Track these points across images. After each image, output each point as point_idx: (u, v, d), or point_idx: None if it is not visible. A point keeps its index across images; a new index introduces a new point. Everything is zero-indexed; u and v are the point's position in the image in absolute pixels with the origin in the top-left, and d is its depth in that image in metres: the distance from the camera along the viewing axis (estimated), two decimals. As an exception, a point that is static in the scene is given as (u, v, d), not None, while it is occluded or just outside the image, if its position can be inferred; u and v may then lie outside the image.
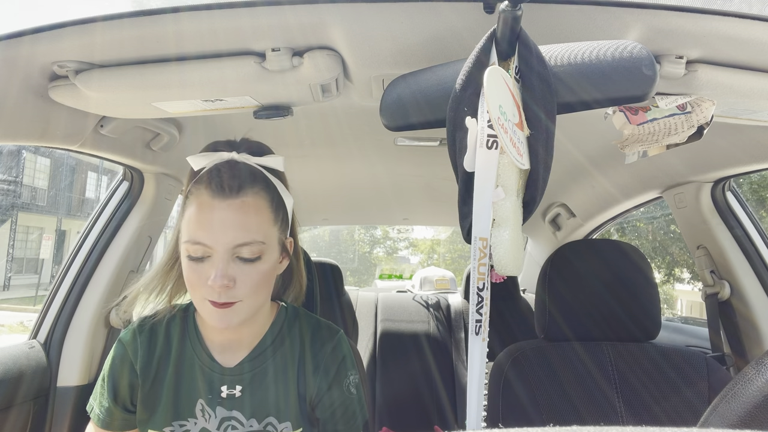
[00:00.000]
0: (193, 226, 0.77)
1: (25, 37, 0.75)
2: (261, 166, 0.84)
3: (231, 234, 0.76)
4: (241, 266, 0.78)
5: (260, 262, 0.79)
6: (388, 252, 20.82)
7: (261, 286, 0.80)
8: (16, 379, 1.21)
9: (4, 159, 13.38)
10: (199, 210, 0.77)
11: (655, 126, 0.87)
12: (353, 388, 0.89)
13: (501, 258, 0.65)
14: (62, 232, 15.44)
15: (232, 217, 0.76)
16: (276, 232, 0.82)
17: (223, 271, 0.76)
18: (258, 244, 0.78)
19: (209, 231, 0.76)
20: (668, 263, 10.68)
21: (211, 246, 0.76)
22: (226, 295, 0.77)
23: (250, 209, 0.78)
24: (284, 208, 0.86)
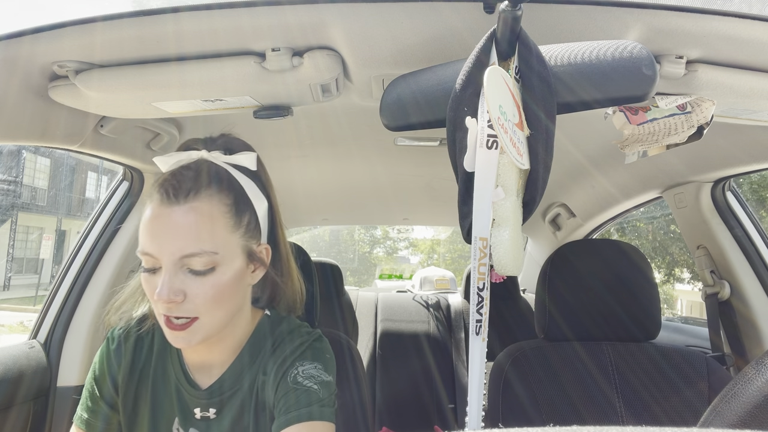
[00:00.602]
0: (141, 235, 0.72)
1: (25, 37, 0.75)
2: (233, 165, 0.79)
3: (176, 243, 0.70)
4: (192, 279, 0.71)
5: (214, 274, 0.72)
6: (388, 252, 20.82)
7: (219, 300, 0.73)
8: (16, 379, 1.21)
9: (4, 159, 13.38)
10: (148, 217, 0.72)
11: (655, 126, 0.87)
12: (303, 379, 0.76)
13: (501, 258, 0.65)
14: (62, 232, 15.44)
15: (177, 225, 0.70)
16: (237, 240, 0.75)
17: (169, 283, 0.69)
18: (209, 254, 0.71)
19: (154, 240, 0.71)
20: (668, 263, 10.68)
21: (157, 256, 0.70)
22: (177, 310, 0.71)
23: (200, 216, 0.71)
24: (252, 212, 0.78)
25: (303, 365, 0.77)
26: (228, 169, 0.78)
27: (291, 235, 4.16)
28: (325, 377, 0.77)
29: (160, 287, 0.69)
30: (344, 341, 1.26)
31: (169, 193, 0.71)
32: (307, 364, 0.78)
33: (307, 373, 0.77)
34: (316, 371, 0.77)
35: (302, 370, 0.77)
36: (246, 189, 0.78)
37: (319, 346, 0.82)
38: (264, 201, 0.81)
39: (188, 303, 0.71)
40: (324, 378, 0.77)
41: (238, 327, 0.81)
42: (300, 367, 0.77)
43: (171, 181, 0.73)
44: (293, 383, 0.75)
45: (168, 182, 0.73)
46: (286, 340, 0.82)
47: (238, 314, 0.79)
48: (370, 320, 2.68)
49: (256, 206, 0.79)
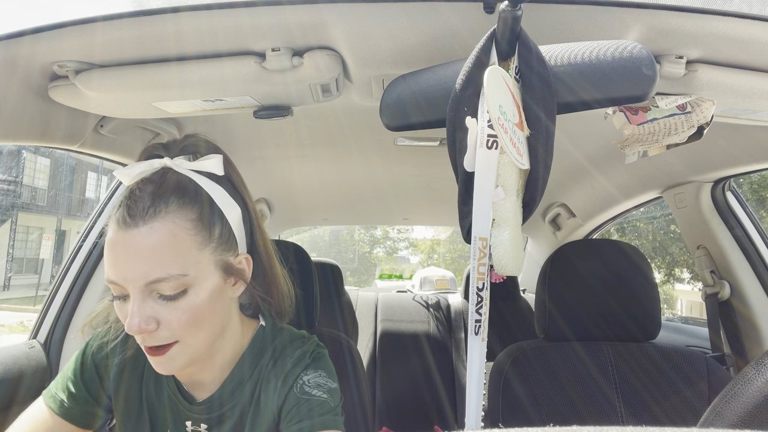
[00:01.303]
0: (105, 262, 0.67)
1: (25, 37, 0.75)
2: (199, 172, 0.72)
3: (139, 270, 0.64)
4: (163, 304, 0.66)
5: (186, 297, 0.66)
6: (388, 252, 20.82)
7: (197, 323, 0.68)
8: (16, 379, 1.21)
9: (4, 159, 13.38)
10: (108, 243, 0.67)
11: (655, 126, 0.87)
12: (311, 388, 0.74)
13: (501, 258, 0.65)
14: (62, 232, 15.45)
15: (138, 250, 0.65)
16: (208, 256, 0.69)
17: (139, 312, 0.65)
18: (176, 278, 0.65)
19: (116, 268, 0.65)
20: (668, 263, 10.68)
21: (122, 285, 0.65)
22: (152, 339, 0.66)
23: (161, 237, 0.65)
24: (222, 222, 0.72)
25: (308, 374, 0.75)
26: (193, 177, 0.71)
27: (291, 235, 4.17)
28: (331, 384, 0.76)
29: (130, 318, 0.64)
30: (344, 341, 1.26)
31: (125, 217, 0.65)
32: (312, 372, 0.76)
33: (314, 383, 0.75)
34: (322, 380, 0.75)
35: (308, 379, 0.75)
36: (214, 197, 0.72)
37: (320, 354, 0.80)
38: (236, 207, 0.74)
39: (163, 330, 0.66)
40: (331, 385, 0.75)
41: (228, 343, 0.76)
42: (305, 376, 0.75)
43: (127, 201, 0.67)
44: (301, 393, 0.73)
45: (124, 204, 0.67)
46: (286, 350, 0.79)
47: (224, 331, 0.75)
48: (370, 320, 2.68)
49: (228, 214, 0.73)
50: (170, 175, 0.70)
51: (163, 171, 0.71)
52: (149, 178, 0.70)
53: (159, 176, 0.70)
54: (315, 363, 0.78)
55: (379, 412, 2.33)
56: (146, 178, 0.70)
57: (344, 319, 2.33)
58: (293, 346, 0.79)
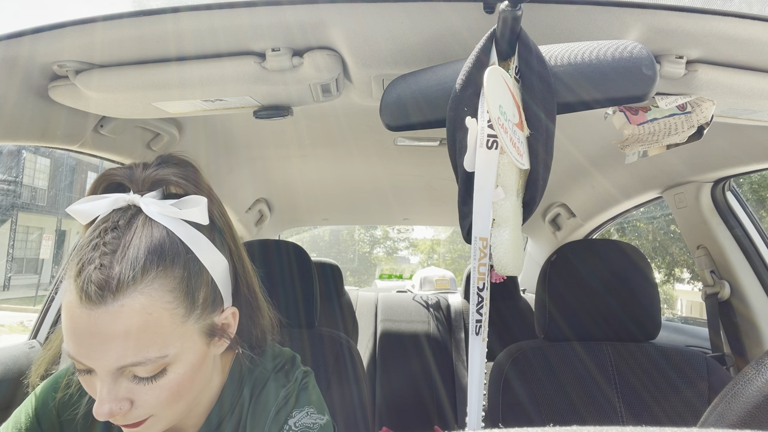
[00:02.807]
0: (64, 333, 0.55)
1: (25, 37, 0.75)
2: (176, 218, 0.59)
3: (109, 354, 0.53)
4: (139, 384, 0.56)
5: (166, 375, 0.57)
6: (388, 252, 20.82)
7: (176, 398, 0.59)
8: (16, 379, 1.21)
9: (4, 159, 13.39)
10: (66, 314, 0.54)
11: (655, 126, 0.87)
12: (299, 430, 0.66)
13: (501, 258, 0.65)
14: (62, 232, 15.44)
15: (107, 334, 0.52)
16: (191, 327, 0.58)
17: (109, 397, 0.54)
18: (155, 360, 0.55)
19: (80, 347, 0.54)
20: (668, 263, 10.68)
21: (87, 364, 0.55)
22: (124, 419, 0.57)
23: (135, 317, 0.53)
24: (207, 282, 0.60)
25: (293, 417, 0.67)
26: (171, 228, 0.58)
27: (291, 235, 4.16)
28: (320, 420, 0.68)
29: (98, 404, 0.54)
30: (344, 341, 1.26)
31: (89, 292, 0.52)
32: (297, 413, 0.68)
33: (301, 425, 0.67)
34: (310, 418, 0.68)
35: (294, 422, 0.67)
36: (198, 252, 0.59)
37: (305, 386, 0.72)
38: (222, 258, 0.63)
39: (137, 409, 0.57)
40: (320, 422, 0.68)
41: (207, 393, 0.68)
42: (291, 420, 0.67)
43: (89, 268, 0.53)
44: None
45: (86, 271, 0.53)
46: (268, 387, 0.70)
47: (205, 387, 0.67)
48: (370, 320, 2.68)
49: (213, 270, 0.61)
50: (140, 223, 0.57)
51: (131, 214, 0.58)
52: (114, 225, 0.56)
53: (127, 222, 0.57)
54: (301, 399, 0.70)
55: (379, 412, 2.33)
56: (110, 224, 0.57)
57: (344, 319, 2.33)
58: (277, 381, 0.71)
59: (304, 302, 1.24)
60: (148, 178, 0.61)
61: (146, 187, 0.61)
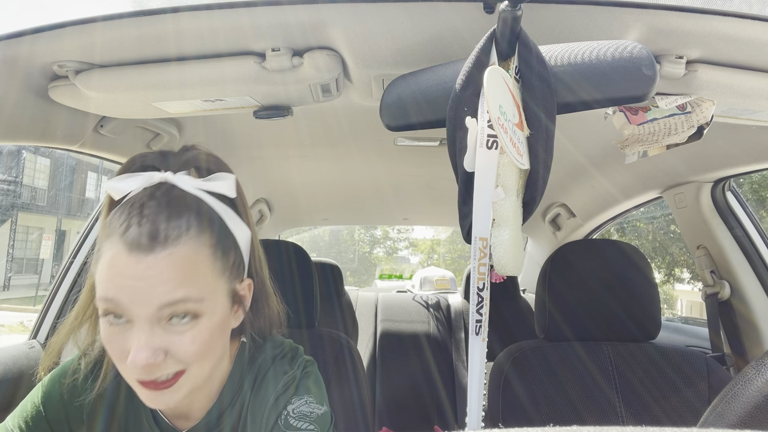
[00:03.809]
0: (104, 284, 0.59)
1: (25, 37, 0.75)
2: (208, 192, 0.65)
3: (155, 293, 0.57)
4: (174, 334, 0.59)
5: (199, 324, 0.60)
6: (388, 252, 20.82)
7: (205, 352, 0.62)
8: (16, 379, 1.21)
9: (4, 159, 13.39)
10: (112, 265, 0.58)
11: (655, 126, 0.87)
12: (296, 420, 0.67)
13: (501, 258, 0.65)
14: (62, 232, 15.45)
15: (156, 275, 0.57)
16: (223, 284, 0.64)
17: (147, 343, 0.57)
18: (194, 301, 0.59)
19: (124, 291, 0.57)
20: (668, 263, 10.68)
21: (128, 307, 0.58)
22: (158, 370, 0.59)
23: (181, 263, 0.59)
24: (236, 248, 0.66)
25: (292, 403, 0.69)
26: (203, 198, 0.64)
27: (291, 235, 4.16)
28: (318, 410, 0.70)
29: (136, 351, 0.56)
30: (344, 341, 1.26)
31: (140, 242, 0.57)
32: (297, 400, 0.69)
33: (299, 413, 0.68)
34: (308, 407, 0.69)
35: (293, 409, 0.69)
36: (227, 221, 0.66)
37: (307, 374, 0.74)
38: (246, 230, 0.69)
39: (170, 361, 0.59)
40: (318, 411, 0.69)
41: (218, 371, 0.71)
42: (289, 406, 0.69)
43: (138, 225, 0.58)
44: (286, 427, 0.67)
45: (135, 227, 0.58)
46: (268, 375, 0.72)
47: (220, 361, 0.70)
48: (370, 320, 2.69)
49: (239, 239, 0.67)
50: (177, 193, 0.62)
51: (166, 188, 0.63)
52: (152, 194, 0.61)
53: (164, 193, 0.62)
54: (301, 387, 0.72)
55: (379, 412, 2.33)
56: (148, 194, 0.61)
57: (344, 319, 2.33)
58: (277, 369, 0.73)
59: (304, 302, 1.24)
60: (179, 160, 0.67)
61: (177, 168, 0.66)
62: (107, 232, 0.60)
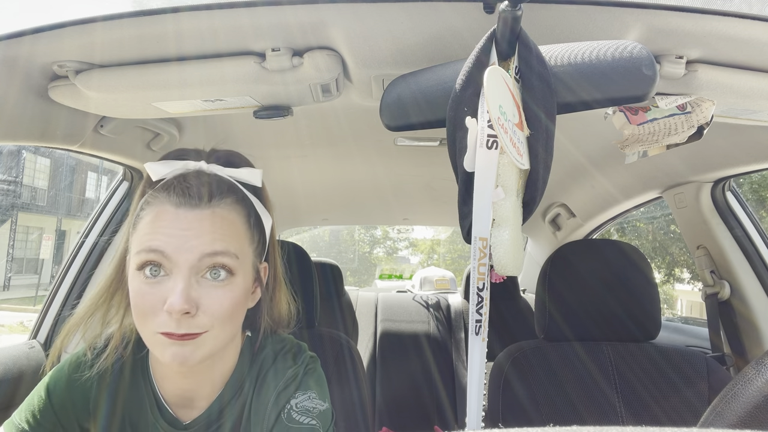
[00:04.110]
0: (148, 236, 0.63)
1: (25, 37, 0.75)
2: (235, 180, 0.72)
3: (198, 242, 0.62)
4: (208, 289, 0.63)
5: (231, 283, 0.65)
6: (388, 252, 20.81)
7: (231, 315, 0.66)
8: (16, 379, 1.21)
9: (4, 159, 13.39)
10: (158, 219, 0.64)
11: (655, 126, 0.87)
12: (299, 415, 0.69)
13: (501, 258, 0.65)
14: (62, 232, 15.44)
15: (200, 227, 0.63)
16: (251, 254, 0.70)
17: (185, 291, 0.61)
18: (232, 256, 0.65)
19: (170, 238, 0.62)
20: (668, 263, 10.68)
21: (171, 256, 0.62)
22: (187, 325, 0.62)
23: (223, 221, 0.65)
24: (262, 228, 0.73)
25: (296, 398, 0.71)
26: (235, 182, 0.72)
27: (291, 235, 4.16)
28: (321, 406, 0.71)
29: (174, 296, 0.60)
30: (344, 341, 1.26)
31: (188, 195, 0.64)
32: (300, 395, 0.71)
33: (302, 407, 0.70)
34: (311, 402, 0.71)
35: (296, 403, 0.70)
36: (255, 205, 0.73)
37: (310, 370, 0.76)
38: (269, 218, 0.76)
39: (201, 316, 0.63)
40: (320, 407, 0.71)
41: (228, 354, 0.74)
42: (293, 400, 0.70)
43: (185, 183, 0.66)
44: (289, 421, 0.68)
45: (179, 186, 0.65)
46: (271, 371, 0.74)
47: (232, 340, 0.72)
48: (370, 320, 2.69)
49: (265, 223, 0.75)
50: (213, 177, 0.69)
51: (203, 172, 0.69)
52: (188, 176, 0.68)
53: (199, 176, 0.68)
54: (305, 383, 0.73)
55: (379, 412, 2.33)
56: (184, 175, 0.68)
57: (344, 319, 2.33)
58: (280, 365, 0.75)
59: (304, 302, 1.23)
60: (211, 155, 0.75)
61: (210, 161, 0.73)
62: (148, 200, 0.66)
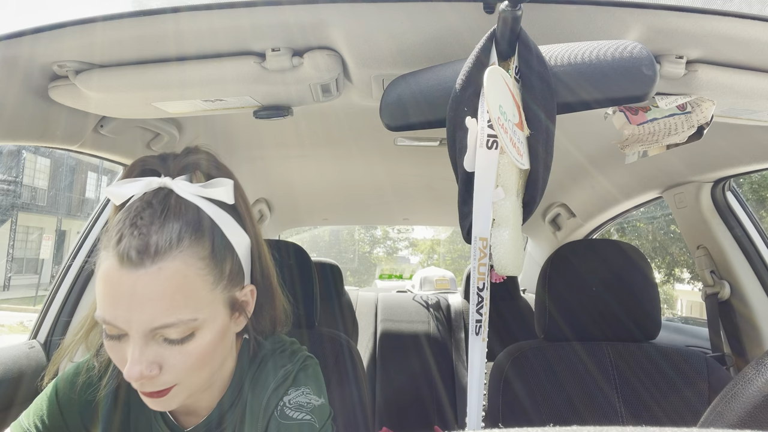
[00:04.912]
0: (99, 298, 0.60)
1: (25, 37, 0.75)
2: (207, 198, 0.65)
3: (145, 314, 0.58)
4: (168, 348, 0.60)
5: (194, 340, 0.61)
6: (388, 252, 20.82)
7: (201, 366, 0.62)
8: (16, 379, 1.21)
9: (4, 159, 13.39)
10: (104, 280, 0.59)
11: (655, 126, 0.87)
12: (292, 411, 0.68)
13: (501, 258, 0.65)
14: (62, 232, 15.45)
15: (145, 294, 0.57)
16: (219, 295, 0.63)
17: (141, 358, 0.58)
18: (186, 323, 0.59)
19: (117, 309, 0.58)
20: (668, 263, 10.68)
21: (120, 326, 0.59)
22: (152, 384, 0.60)
23: (171, 279, 0.58)
24: (233, 256, 0.66)
25: (289, 394, 0.69)
26: (201, 206, 0.64)
27: (291, 235, 4.16)
28: (315, 401, 0.70)
29: (131, 365, 0.58)
30: (344, 341, 1.26)
31: (130, 255, 0.57)
32: (293, 391, 0.70)
33: (296, 403, 0.69)
34: (305, 398, 0.70)
35: (289, 400, 0.69)
36: (224, 229, 0.65)
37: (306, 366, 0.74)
38: (245, 237, 0.69)
39: (165, 374, 0.60)
40: (315, 402, 0.70)
41: (225, 370, 0.72)
42: (286, 397, 0.69)
43: (130, 236, 0.58)
44: (282, 418, 0.67)
45: (126, 235, 0.59)
46: (266, 369, 0.73)
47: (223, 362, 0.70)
48: (370, 320, 2.68)
49: (237, 246, 0.67)
50: (174, 201, 0.63)
51: (164, 194, 0.63)
52: (149, 202, 0.62)
53: (160, 201, 0.62)
54: (299, 379, 0.72)
55: (379, 412, 2.33)
56: (145, 201, 0.62)
57: (344, 319, 2.33)
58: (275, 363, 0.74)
59: (304, 302, 1.24)
60: (179, 164, 0.67)
61: (176, 172, 0.67)
62: (104, 241, 0.61)
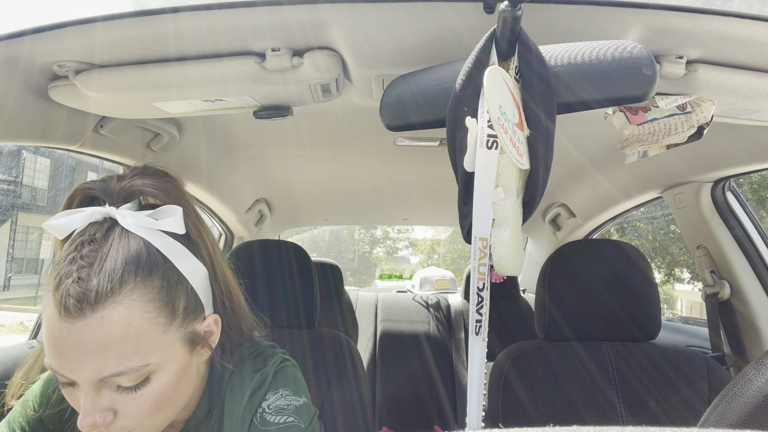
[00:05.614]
0: (45, 346, 0.55)
1: (25, 37, 0.75)
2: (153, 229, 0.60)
3: (91, 366, 0.53)
4: (122, 394, 0.56)
5: (149, 385, 0.57)
6: (388, 252, 20.82)
7: (159, 407, 0.58)
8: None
9: (4, 159, 13.39)
10: (47, 328, 0.54)
11: (655, 126, 0.87)
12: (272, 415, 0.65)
13: (501, 258, 0.65)
14: (62, 232, 15.41)
15: (88, 346, 0.52)
16: (173, 335, 0.58)
17: (92, 407, 0.54)
18: (137, 369, 0.55)
19: (62, 360, 0.54)
20: (668, 263, 10.68)
21: (67, 375, 0.55)
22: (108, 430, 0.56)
23: (116, 328, 0.53)
24: (187, 290, 0.60)
25: (267, 399, 0.66)
26: (148, 238, 0.58)
27: (291, 235, 4.16)
28: (296, 401, 0.67)
29: (82, 416, 0.54)
30: (344, 341, 1.26)
31: (67, 306, 0.52)
32: (271, 396, 0.66)
33: (275, 407, 0.65)
34: (284, 400, 0.66)
35: (268, 405, 0.66)
36: (176, 262, 0.60)
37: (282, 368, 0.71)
38: (201, 267, 0.63)
39: (121, 419, 0.56)
40: (296, 403, 0.67)
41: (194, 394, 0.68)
42: (264, 402, 0.66)
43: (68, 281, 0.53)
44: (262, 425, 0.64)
45: (64, 284, 0.53)
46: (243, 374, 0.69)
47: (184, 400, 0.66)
48: (370, 320, 2.69)
49: (192, 278, 0.61)
50: (118, 234, 0.57)
51: (107, 226, 0.58)
52: (90, 239, 0.56)
53: (104, 235, 0.57)
54: (275, 382, 0.68)
55: (379, 412, 2.33)
56: (86, 237, 0.56)
57: (344, 319, 2.33)
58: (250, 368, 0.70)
59: (304, 302, 1.24)
60: (123, 190, 0.62)
61: (121, 199, 0.61)
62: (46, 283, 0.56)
